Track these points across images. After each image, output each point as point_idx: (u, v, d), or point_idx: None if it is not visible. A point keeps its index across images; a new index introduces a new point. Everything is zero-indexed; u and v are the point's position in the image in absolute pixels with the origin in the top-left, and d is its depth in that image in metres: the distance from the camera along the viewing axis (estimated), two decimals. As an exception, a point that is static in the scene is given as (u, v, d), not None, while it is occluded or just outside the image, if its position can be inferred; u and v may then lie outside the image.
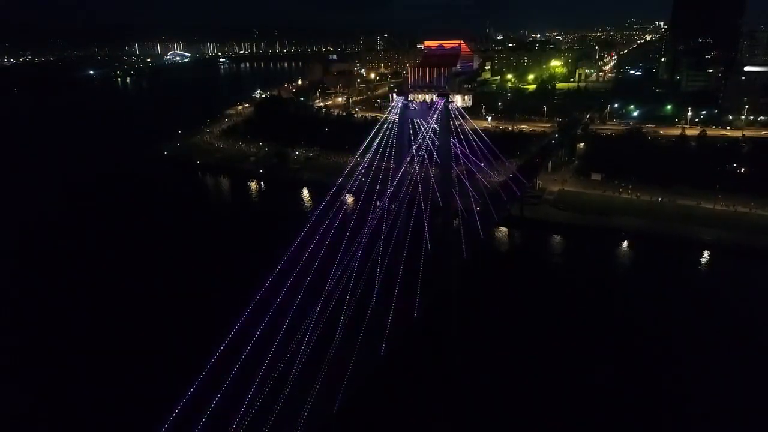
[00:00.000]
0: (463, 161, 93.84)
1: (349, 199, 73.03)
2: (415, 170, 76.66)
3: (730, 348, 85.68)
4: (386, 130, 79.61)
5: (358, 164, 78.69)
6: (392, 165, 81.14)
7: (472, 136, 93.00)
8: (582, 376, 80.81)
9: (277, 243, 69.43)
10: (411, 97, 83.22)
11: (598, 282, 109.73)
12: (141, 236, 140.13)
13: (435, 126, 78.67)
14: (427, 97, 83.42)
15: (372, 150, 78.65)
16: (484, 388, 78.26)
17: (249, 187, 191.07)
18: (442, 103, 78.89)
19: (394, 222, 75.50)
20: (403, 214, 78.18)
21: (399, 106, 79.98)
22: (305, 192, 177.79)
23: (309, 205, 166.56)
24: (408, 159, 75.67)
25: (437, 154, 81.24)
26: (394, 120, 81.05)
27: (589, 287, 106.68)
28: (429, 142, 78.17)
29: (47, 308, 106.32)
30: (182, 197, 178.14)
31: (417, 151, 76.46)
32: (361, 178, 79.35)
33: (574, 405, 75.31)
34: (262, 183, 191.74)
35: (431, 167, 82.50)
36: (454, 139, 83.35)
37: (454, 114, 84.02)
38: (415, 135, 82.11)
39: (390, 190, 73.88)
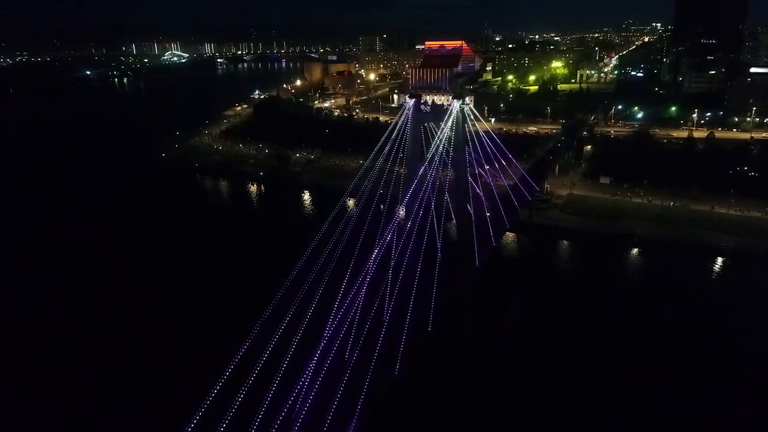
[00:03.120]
0: (476, 166, 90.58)
1: (358, 206, 69.22)
2: (427, 178, 72.81)
3: (743, 358, 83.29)
4: (395, 133, 75.77)
5: (364, 168, 74.97)
6: (403, 170, 77.57)
7: (485, 139, 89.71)
8: (594, 386, 77.97)
9: (284, 253, 66.30)
10: (423, 98, 79.44)
11: (611, 291, 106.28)
12: (138, 242, 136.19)
13: (449, 132, 74.98)
14: (438, 99, 79.88)
15: (376, 153, 74.75)
16: (499, 402, 75.27)
17: (249, 190, 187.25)
18: (456, 106, 75.38)
19: (407, 232, 71.91)
20: (417, 224, 74.38)
21: (411, 108, 76.03)
22: (307, 196, 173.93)
23: (312, 209, 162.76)
24: (421, 171, 71.64)
25: (451, 164, 77.61)
26: (405, 123, 77.14)
27: (601, 296, 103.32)
28: (443, 150, 74.41)
29: (42, 314, 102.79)
30: (181, 201, 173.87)
31: (430, 158, 72.73)
32: (368, 185, 75.38)
33: (586, 416, 72.77)
34: (262, 186, 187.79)
35: (443, 173, 79.10)
36: (468, 145, 79.92)
37: (468, 117, 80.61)
38: (427, 138, 78.78)
39: (403, 204, 70.07)
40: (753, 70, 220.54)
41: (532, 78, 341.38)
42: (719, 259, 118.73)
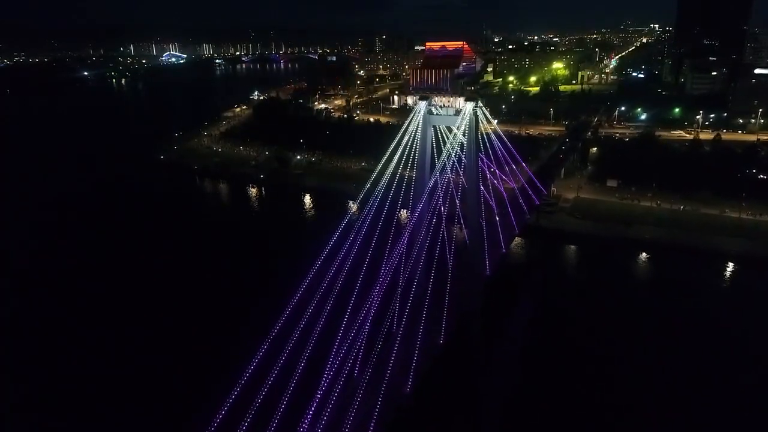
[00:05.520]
0: (486, 169, 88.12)
1: (366, 213, 66.36)
2: (439, 185, 70.07)
3: (755, 364, 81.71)
4: (407, 138, 72.97)
5: (369, 172, 72.30)
6: (414, 175, 74.90)
7: (496, 142, 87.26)
8: (601, 390, 76.64)
9: (289, 260, 63.72)
10: (434, 101, 76.70)
11: (620, 298, 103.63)
12: (137, 247, 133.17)
13: (462, 138, 72.23)
14: (440, 100, 77.13)
15: (384, 156, 71.86)
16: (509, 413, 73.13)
17: (250, 193, 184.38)
18: (468, 109, 72.79)
19: (419, 242, 69.20)
20: (429, 234, 71.53)
21: (422, 111, 73.23)
22: (309, 199, 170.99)
23: (315, 213, 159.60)
24: (431, 183, 68.93)
25: (463, 172, 75.02)
26: (416, 127, 74.30)
27: (610, 303, 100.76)
28: (455, 157, 71.77)
29: (41, 316, 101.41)
30: (180, 204, 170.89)
31: (441, 164, 70.10)
32: (375, 189, 72.35)
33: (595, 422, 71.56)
34: (263, 189, 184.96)
35: (455, 178, 76.57)
36: (481, 152, 77.35)
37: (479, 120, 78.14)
38: (437, 138, 76.32)
39: (415, 212, 67.36)
40: (757, 71, 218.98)
41: (533, 79, 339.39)
42: (730, 264, 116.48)
